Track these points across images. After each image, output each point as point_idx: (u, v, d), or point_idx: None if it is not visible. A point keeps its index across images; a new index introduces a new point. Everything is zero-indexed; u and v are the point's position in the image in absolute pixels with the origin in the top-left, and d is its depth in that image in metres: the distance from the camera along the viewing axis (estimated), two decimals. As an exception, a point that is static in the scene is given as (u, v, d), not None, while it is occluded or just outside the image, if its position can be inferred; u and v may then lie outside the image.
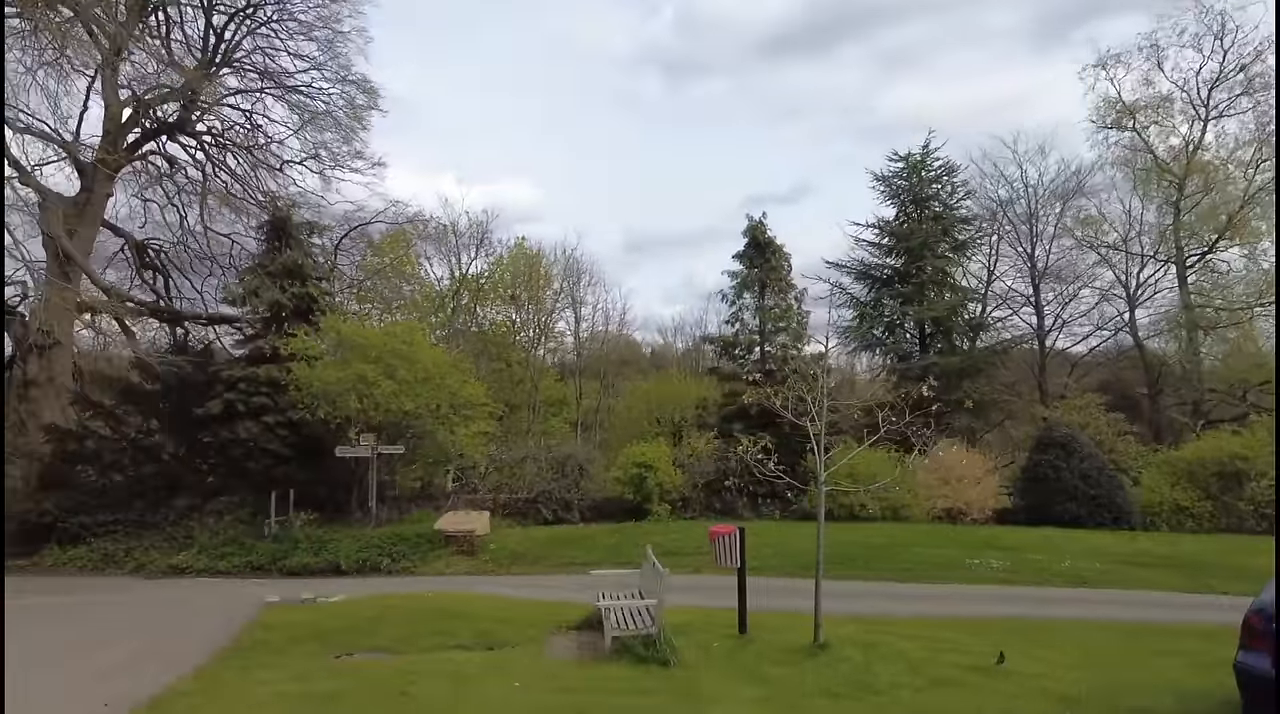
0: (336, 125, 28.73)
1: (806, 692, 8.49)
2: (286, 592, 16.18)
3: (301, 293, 23.63)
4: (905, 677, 9.28)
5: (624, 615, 9.70)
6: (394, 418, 21.16)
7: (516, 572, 18.75)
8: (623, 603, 10.04)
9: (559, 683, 7.94)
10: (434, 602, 12.56)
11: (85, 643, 10.89)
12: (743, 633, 10.53)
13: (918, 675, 9.33)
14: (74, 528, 21.91)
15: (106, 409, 24.24)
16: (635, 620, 9.55)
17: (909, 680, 9.15)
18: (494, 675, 8.03)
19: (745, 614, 10.61)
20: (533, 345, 35.79)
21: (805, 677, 8.97)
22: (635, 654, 9.02)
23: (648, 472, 22.95)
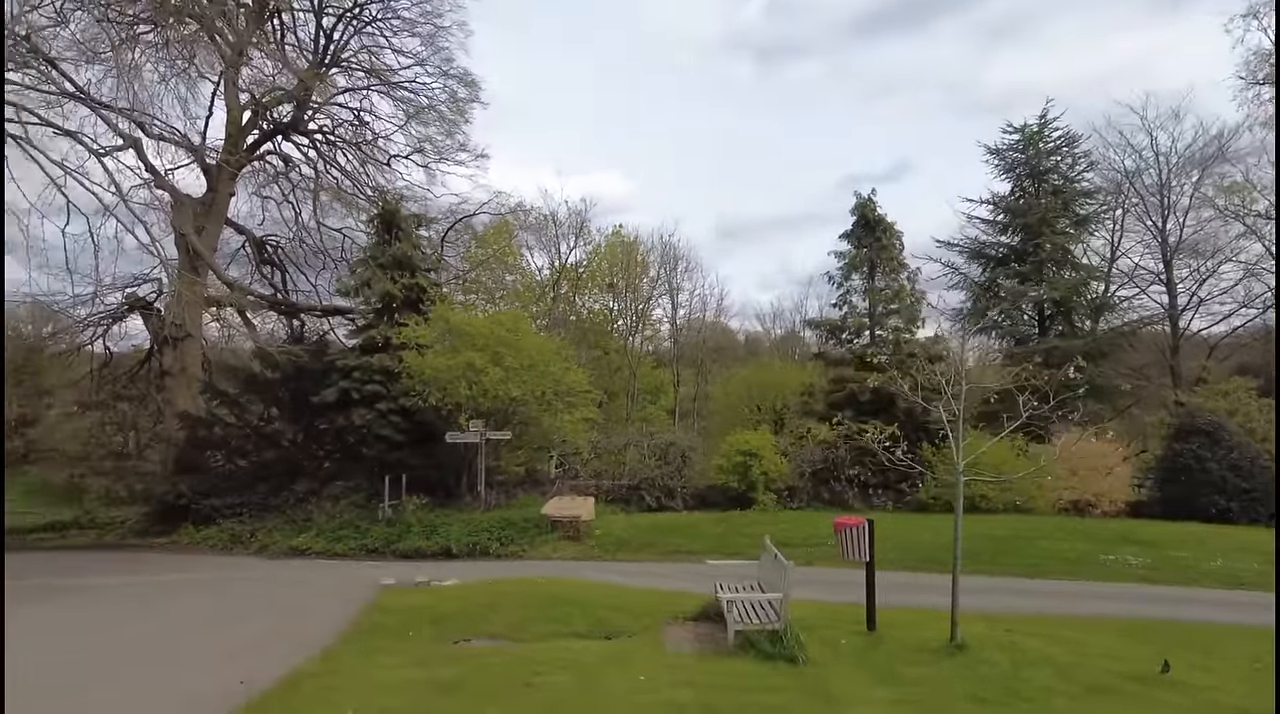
0: (440, 119, 29.26)
1: (948, 695, 7.82)
2: (401, 574, 16.48)
3: (411, 283, 24.12)
4: (1055, 682, 8.46)
5: (747, 609, 9.23)
6: (501, 404, 21.31)
7: (622, 558, 18.54)
8: (745, 595, 9.57)
9: (683, 677, 7.54)
10: (546, 588, 12.41)
11: (218, 620, 11.25)
12: (871, 630, 9.89)
13: (1069, 682, 8.49)
14: (205, 510, 23.15)
15: (231, 397, 25.46)
16: (759, 614, 9.06)
17: (1060, 687, 8.33)
18: (615, 667, 7.71)
19: (874, 610, 9.95)
20: (630, 333, 35.62)
21: (945, 679, 8.28)
22: (761, 650, 8.54)
23: (752, 460, 22.33)
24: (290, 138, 30.12)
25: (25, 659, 8.83)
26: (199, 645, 9.43)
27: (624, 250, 35.59)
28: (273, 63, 27.30)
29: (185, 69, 28.34)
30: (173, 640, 9.85)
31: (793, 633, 8.67)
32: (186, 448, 25.36)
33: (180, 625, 10.92)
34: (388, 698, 6.57)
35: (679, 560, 18.26)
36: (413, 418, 22.61)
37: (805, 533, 19.32)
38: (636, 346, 35.90)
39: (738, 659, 8.46)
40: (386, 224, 25.03)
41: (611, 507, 22.33)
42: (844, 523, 10.02)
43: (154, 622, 11.38)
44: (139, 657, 8.84)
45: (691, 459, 23.48)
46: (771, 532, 19.68)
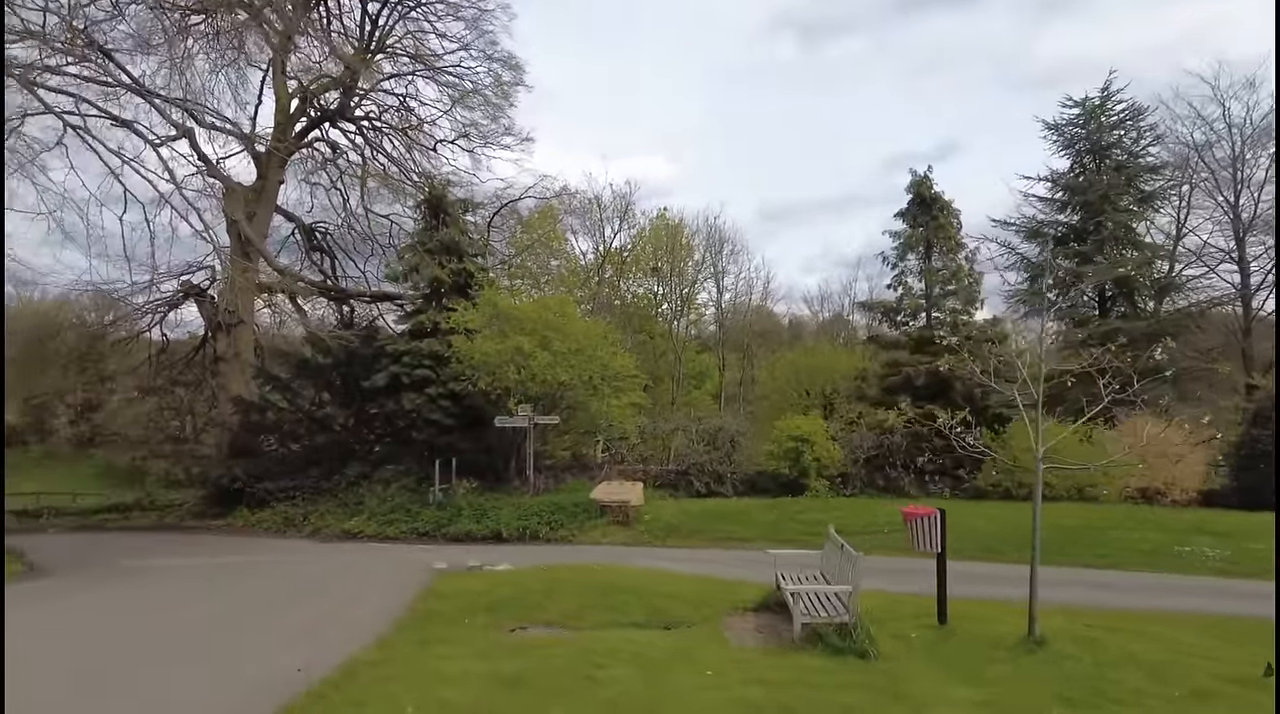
0: (485, 103, 29.13)
1: (1035, 696, 7.33)
2: (453, 558, 16.42)
3: (459, 268, 24.04)
4: (1146, 683, 7.88)
5: (814, 601, 8.83)
6: (549, 389, 21.14)
7: (672, 544, 18.26)
8: (811, 587, 9.17)
9: (752, 673, 7.19)
10: (600, 575, 12.16)
11: (275, 604, 11.24)
12: (942, 623, 9.40)
13: (1161, 683, 7.91)
14: (260, 493, 23.49)
15: (284, 382, 25.75)
16: (826, 607, 8.66)
17: (1153, 689, 7.75)
18: (680, 662, 7.39)
19: (945, 603, 9.46)
20: (675, 316, 35.20)
21: (1027, 678, 7.77)
22: (829, 644, 8.13)
23: (804, 446, 21.83)
24: (337, 124, 30.25)
25: (93, 641, 8.87)
26: (257, 630, 9.38)
27: (668, 233, 35.11)
28: (320, 49, 27.37)
29: (235, 59, 28.62)
30: (232, 624, 9.82)
31: (863, 627, 8.25)
32: (240, 432, 25.76)
33: (238, 609, 10.93)
34: (448, 691, 6.34)
35: (731, 547, 17.91)
36: (462, 402, 22.59)
37: (861, 520, 18.81)
38: (681, 331, 35.44)
39: (805, 654, 8.08)
40: (433, 209, 24.97)
41: (660, 492, 22.06)
42: (913, 512, 9.53)
43: (213, 605, 11.42)
44: (199, 641, 8.80)
45: (741, 444, 23.05)
46: (825, 519, 19.24)
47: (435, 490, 21.42)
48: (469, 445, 22.95)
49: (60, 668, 7.59)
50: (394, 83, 30.59)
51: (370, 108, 30.65)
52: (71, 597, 12.73)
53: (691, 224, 37.05)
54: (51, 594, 13.09)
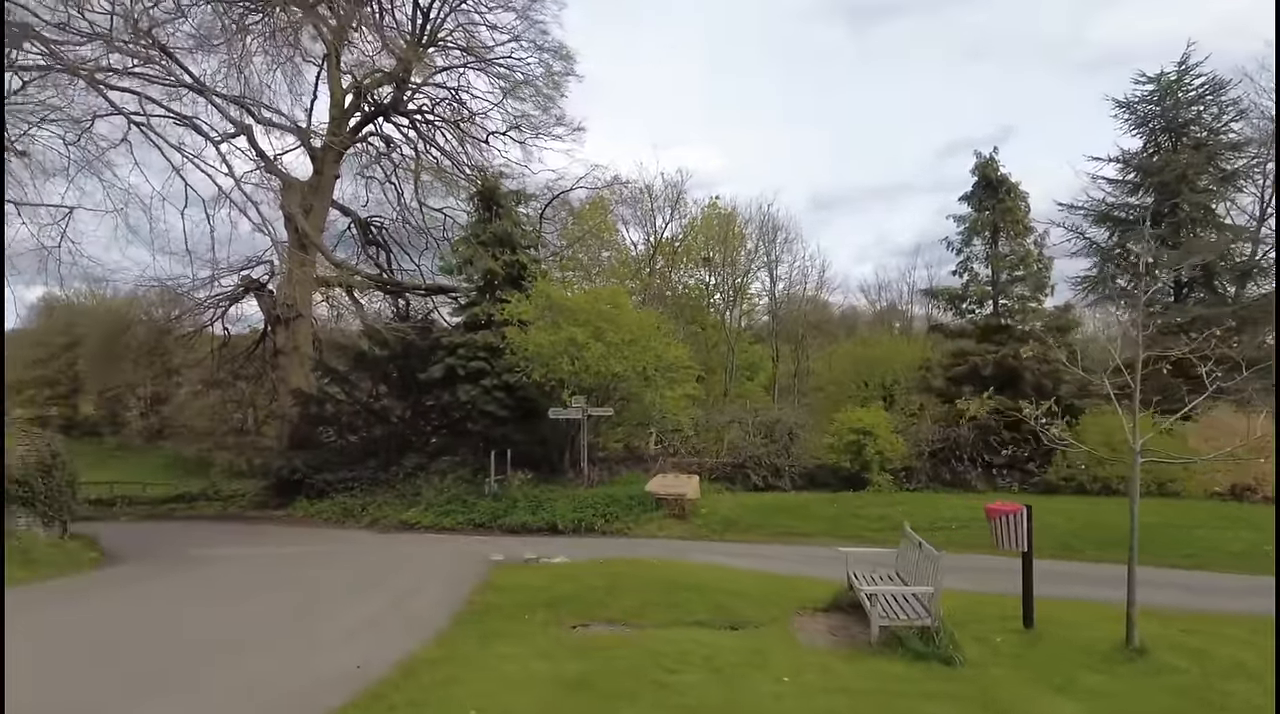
0: (536, 94, 28.97)
1: (1141, 711, 6.75)
2: (509, 550, 16.27)
3: (512, 260, 23.92)
4: (1263, 698, 7.22)
5: (892, 603, 8.33)
6: (602, 380, 20.87)
7: (730, 539, 17.82)
8: (889, 588, 8.66)
9: (831, 680, 6.75)
10: (660, 570, 11.81)
11: (334, 596, 11.18)
12: (1029, 627, 8.81)
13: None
14: (319, 484, 23.77)
15: (342, 375, 26.02)
16: (906, 610, 8.16)
17: (1271, 705, 7.10)
18: (754, 666, 6.99)
19: (1032, 605, 8.86)
20: (727, 307, 34.59)
21: (1131, 690, 7.17)
22: (910, 649, 7.64)
23: (866, 438, 21.11)
24: (391, 119, 30.43)
25: (161, 632, 8.88)
26: (318, 622, 9.28)
27: (720, 222, 34.51)
28: (374, 42, 27.50)
29: (291, 55, 28.94)
30: (292, 616, 9.76)
31: (946, 631, 7.73)
32: (300, 424, 26.14)
33: (299, 601, 10.88)
34: (511, 695, 6.06)
35: (791, 543, 17.40)
36: (516, 394, 22.49)
37: (927, 516, 18.07)
38: (734, 321, 34.83)
39: (885, 659, 7.60)
40: (486, 201, 24.89)
41: (715, 485, 21.60)
42: (998, 509, 8.93)
43: (275, 596, 11.43)
44: (261, 633, 8.73)
45: (799, 437, 22.44)
46: (889, 514, 18.61)
47: (490, 482, 21.37)
48: (523, 437, 22.85)
49: (129, 656, 7.56)
50: (445, 76, 30.68)
51: (423, 101, 30.79)
52: (142, 584, 12.92)
53: (744, 212, 36.43)
54: (125, 581, 13.32)
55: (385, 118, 30.32)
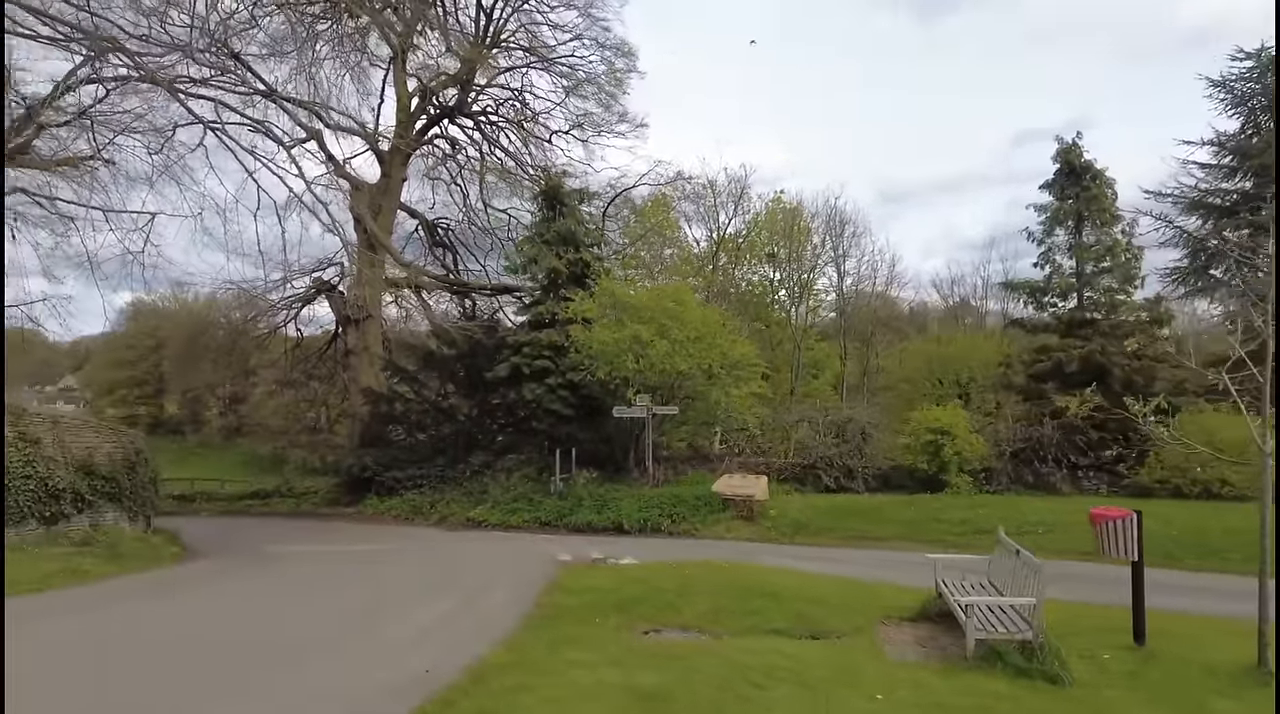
0: (599, 91, 28.78)
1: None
2: (575, 549, 16.08)
3: (575, 258, 23.80)
4: None
5: (989, 614, 7.74)
6: (667, 378, 20.53)
7: (801, 542, 17.26)
8: (985, 599, 8.07)
9: (928, 696, 6.24)
10: (733, 574, 11.38)
11: (403, 596, 11.11)
12: (1140, 643, 8.09)
13: None
14: (388, 481, 24.07)
15: (410, 374, 26.33)
16: (1005, 622, 7.56)
17: None
18: (843, 681, 6.52)
19: (1144, 619, 8.14)
20: (793, 303, 33.80)
21: (1268, 719, 6.45)
22: (1011, 664, 7.05)
23: (944, 438, 20.21)
24: (455, 120, 30.69)
25: (237, 629, 8.90)
26: (386, 623, 9.18)
27: (785, 217, 33.72)
28: (439, 44, 27.79)
29: (359, 61, 29.45)
30: (361, 616, 9.68)
31: (1051, 646, 7.11)
32: (370, 422, 26.55)
33: (370, 599, 10.84)
34: (583, 706, 5.75)
35: (865, 547, 16.74)
36: (580, 392, 22.35)
37: (1011, 520, 17.12)
38: (800, 318, 33.99)
39: (983, 675, 7.02)
40: (550, 200, 24.83)
41: (784, 486, 21.01)
42: (1104, 514, 8.23)
43: (344, 594, 11.42)
44: (330, 634, 8.65)
45: (872, 437, 21.64)
46: (969, 517, 17.77)
47: (556, 480, 21.26)
48: (587, 435, 22.70)
49: (197, 656, 7.54)
50: (509, 76, 30.80)
51: (486, 102, 30.98)
52: (218, 581, 13.12)
53: (810, 206, 35.52)
54: (203, 577, 13.56)
55: (450, 120, 30.63)
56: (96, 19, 20.10)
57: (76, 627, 8.82)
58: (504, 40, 30.04)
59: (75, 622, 9.07)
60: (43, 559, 12.87)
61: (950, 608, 8.32)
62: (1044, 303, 23.83)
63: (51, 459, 14.56)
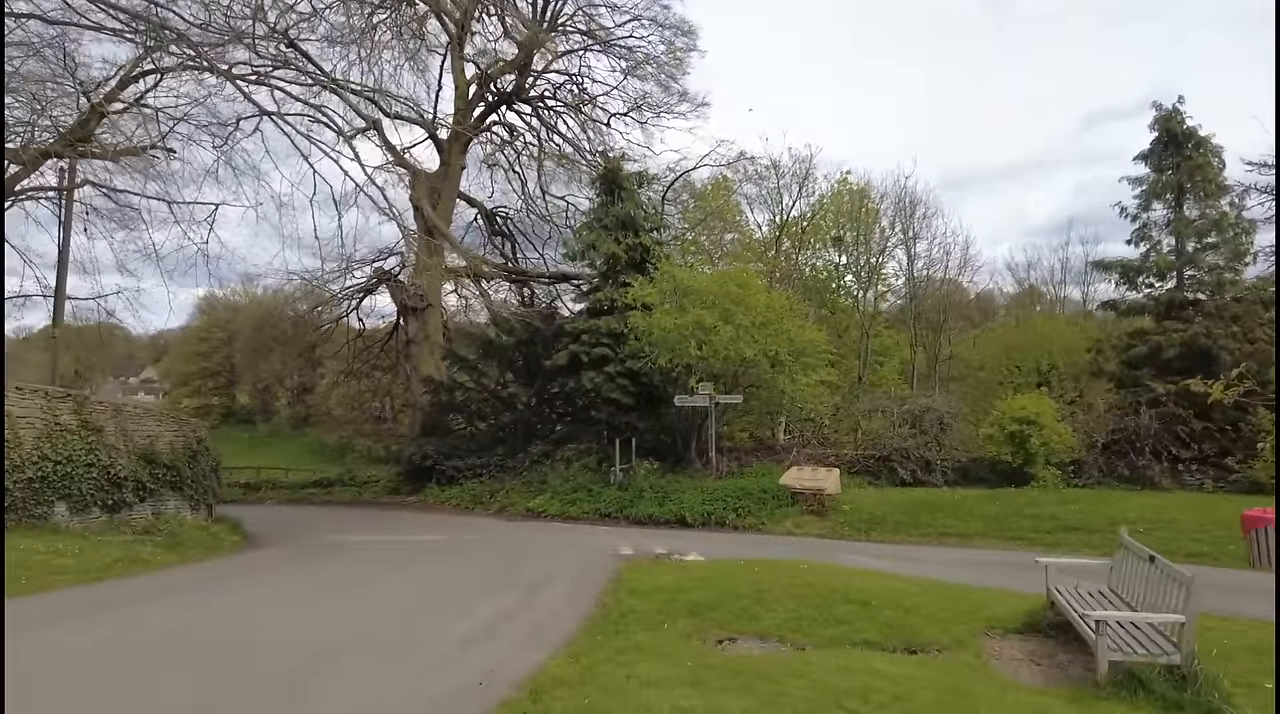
0: (658, 71, 27.78)
1: None
2: (637, 543, 15.33)
3: (635, 243, 22.97)
4: None
5: (1126, 632, 6.63)
6: (731, 366, 19.56)
7: (876, 538, 16.15)
8: (1117, 613, 6.95)
9: (1062, 734, 5.23)
10: (810, 576, 10.39)
11: (461, 591, 10.53)
12: (1304, 669, 6.85)
13: None
14: (449, 470, 23.80)
15: (470, 363, 25.96)
16: (1143, 642, 6.44)
17: None
18: (954, 709, 5.54)
19: (1309, 642, 6.89)
20: (862, 288, 32.26)
21: None
22: (1156, 693, 5.95)
23: (1030, 429, 18.75)
24: (513, 107, 30.12)
25: (279, 628, 8.37)
26: (440, 624, 8.54)
27: (852, 198, 32.18)
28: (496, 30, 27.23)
29: (417, 50, 29.13)
30: (415, 615, 9.08)
31: (1208, 676, 5.99)
32: (431, 411, 26.31)
33: (424, 595, 10.27)
34: (662, 734, 4.92)
35: (947, 545, 15.55)
36: (640, 380, 21.54)
37: (1105, 517, 15.73)
38: (868, 304, 32.42)
39: (1122, 704, 5.95)
40: (608, 184, 24.04)
41: (855, 479, 19.84)
42: (1258, 516, 7.02)
43: (400, 589, 10.88)
44: (383, 634, 8.04)
45: (951, 427, 20.21)
46: (1060, 514, 16.36)
47: (616, 471, 20.56)
48: (648, 425, 21.92)
49: (244, 657, 6.98)
50: (566, 61, 30.07)
51: (544, 87, 30.32)
52: (275, 571, 12.77)
53: (878, 187, 33.83)
54: (261, 567, 13.25)
55: (508, 106, 30.08)
56: (160, 9, 20.12)
57: (128, 621, 8.42)
58: (562, 23, 29.33)
59: (131, 615, 8.69)
60: (105, 547, 12.70)
61: (1071, 621, 7.22)
62: (1139, 283, 21.91)
63: (114, 447, 14.44)
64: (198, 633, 8.10)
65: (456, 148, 28.37)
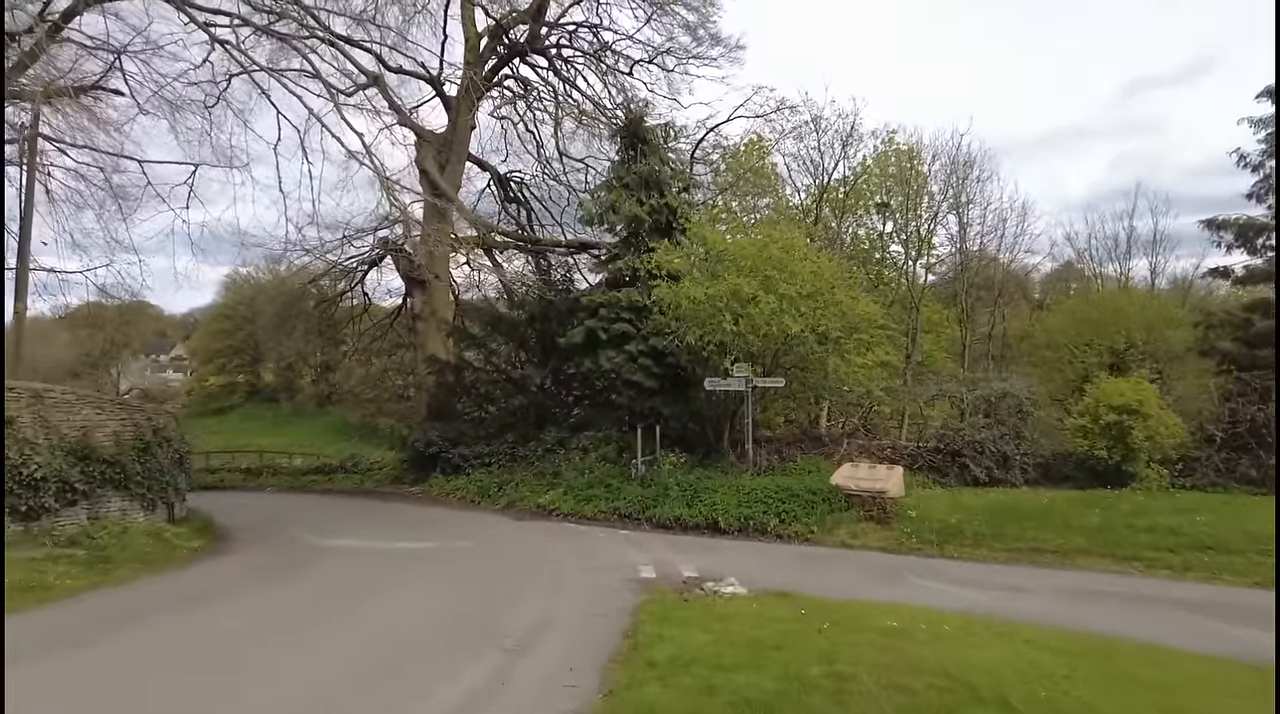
0: (685, 7, 24.02)
1: None
2: (662, 557, 12.26)
3: (660, 204, 19.61)
4: None
5: None
6: (771, 344, 16.24)
7: (953, 554, 12.86)
8: None
9: None
10: (903, 645, 7.13)
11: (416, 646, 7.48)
12: None
13: None
14: (455, 459, 21.02)
15: (478, 340, 22.93)
16: None
17: None
18: None
19: None
20: (911, 259, 28.47)
21: None
22: None
23: (1132, 419, 15.19)
24: (527, 59, 26.65)
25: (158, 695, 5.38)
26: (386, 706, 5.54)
27: (899, 160, 28.33)
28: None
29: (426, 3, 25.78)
30: (344, 701, 6.08)
31: None
32: (437, 394, 23.39)
33: (372, 657, 7.30)
34: None
35: (1042, 563, 12.24)
36: (665, 361, 18.29)
37: (1243, 531, 12.26)
38: (916, 275, 28.64)
39: None
40: (630, 138, 20.64)
41: (917, 476, 16.43)
42: None
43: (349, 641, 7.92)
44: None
45: (1031, 416, 16.58)
46: (1182, 526, 12.87)
47: (637, 463, 17.45)
48: (674, 411, 18.74)
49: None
50: (584, 6, 26.40)
51: (561, 35, 26.72)
52: (214, 600, 9.83)
53: (929, 147, 29.80)
54: (196, 593, 10.33)
55: (522, 58, 26.61)
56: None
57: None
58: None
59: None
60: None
61: None
62: (1257, 246, 18.01)
63: (28, 442, 11.60)
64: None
65: (466, 104, 25.09)
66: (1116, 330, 22.79)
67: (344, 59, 22.82)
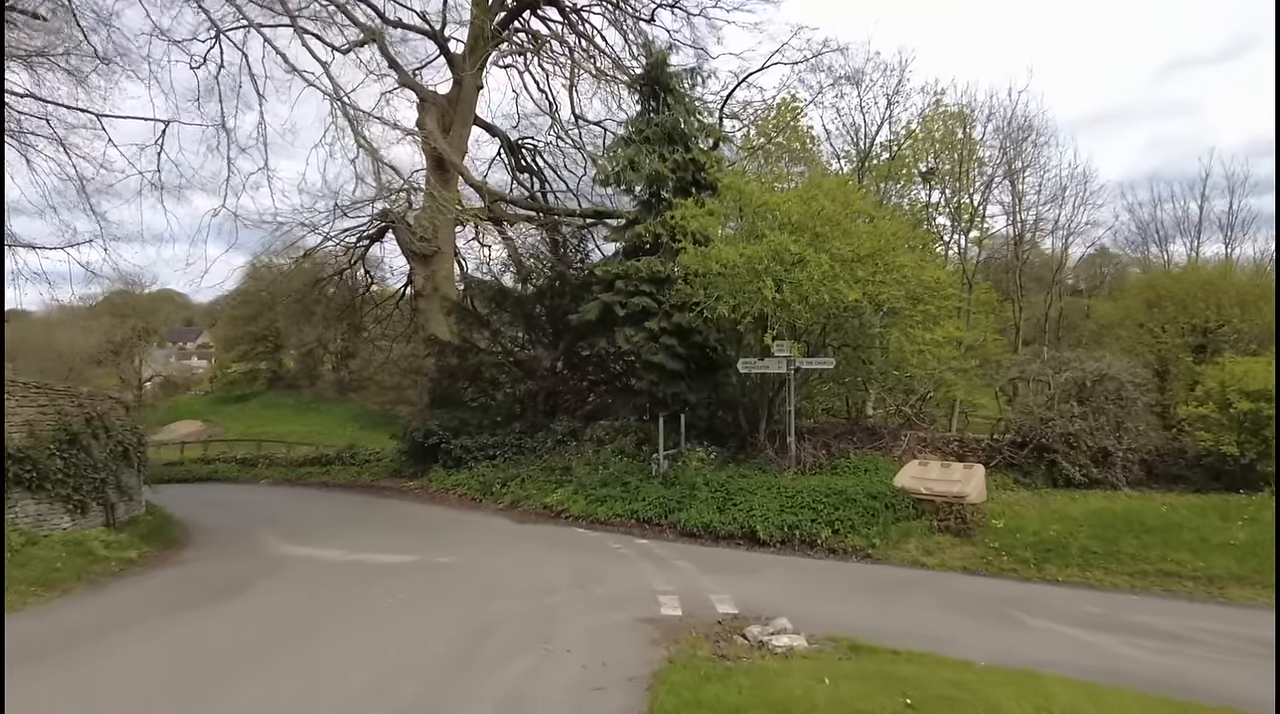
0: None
1: None
2: (689, 583, 9.39)
3: (685, 160, 16.61)
4: None
5: None
6: (820, 317, 13.21)
7: (1058, 578, 9.85)
8: None
9: None
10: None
11: None
12: None
13: None
14: (456, 451, 18.39)
15: (482, 318, 20.19)
16: None
17: None
18: None
19: None
20: (961, 231, 25.16)
21: None
22: None
23: (1269, 407, 11.97)
24: (539, 10, 23.64)
25: None
26: None
27: (946, 124, 25.04)
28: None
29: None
30: None
31: None
32: (439, 378, 20.71)
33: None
34: None
35: (1175, 593, 9.27)
36: (691, 339, 15.34)
37: None
38: (968, 249, 25.34)
39: None
40: (651, 86, 17.64)
41: (996, 476, 13.29)
42: None
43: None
44: None
45: (1134, 404, 13.34)
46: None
47: (660, 457, 14.59)
48: (701, 397, 15.84)
49: None
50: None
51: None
52: (108, 646, 7.16)
53: (981, 109, 26.40)
54: (88, 633, 7.68)
55: (532, 10, 23.58)
56: None
57: None
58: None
59: None
60: None
61: None
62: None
63: (-107, 435, 9.04)
64: None
65: (472, 63, 22.21)
66: (1207, 306, 19.45)
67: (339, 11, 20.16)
